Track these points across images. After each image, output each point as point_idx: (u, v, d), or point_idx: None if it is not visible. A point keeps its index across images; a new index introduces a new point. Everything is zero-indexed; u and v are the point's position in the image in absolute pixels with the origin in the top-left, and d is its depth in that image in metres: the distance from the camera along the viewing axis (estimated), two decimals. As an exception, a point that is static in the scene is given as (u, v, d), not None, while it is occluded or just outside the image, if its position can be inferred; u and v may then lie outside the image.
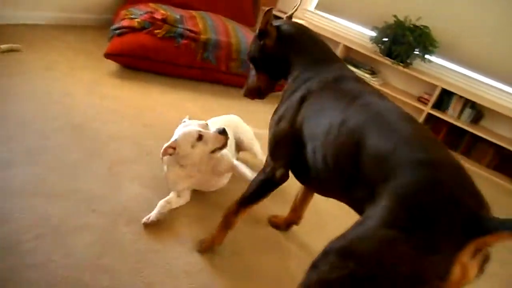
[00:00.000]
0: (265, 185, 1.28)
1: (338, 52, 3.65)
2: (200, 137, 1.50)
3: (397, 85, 3.72)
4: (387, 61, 3.42)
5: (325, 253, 0.89)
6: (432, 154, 0.88)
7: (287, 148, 1.22)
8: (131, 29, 2.65)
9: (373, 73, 3.62)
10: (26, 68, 2.23)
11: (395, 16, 3.40)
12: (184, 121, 1.62)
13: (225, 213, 1.38)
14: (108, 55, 2.56)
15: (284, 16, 1.49)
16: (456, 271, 0.75)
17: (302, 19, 4.03)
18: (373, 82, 3.53)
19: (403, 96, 3.44)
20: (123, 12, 2.87)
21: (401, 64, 3.35)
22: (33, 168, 1.52)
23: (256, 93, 1.44)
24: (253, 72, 1.43)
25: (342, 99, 1.10)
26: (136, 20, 2.71)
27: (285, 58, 1.31)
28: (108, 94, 2.27)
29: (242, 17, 3.64)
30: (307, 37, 1.33)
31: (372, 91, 1.14)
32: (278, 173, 1.24)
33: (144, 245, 1.36)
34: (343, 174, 1.02)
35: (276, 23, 1.33)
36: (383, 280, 0.78)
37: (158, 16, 2.77)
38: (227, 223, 1.38)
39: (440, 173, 0.83)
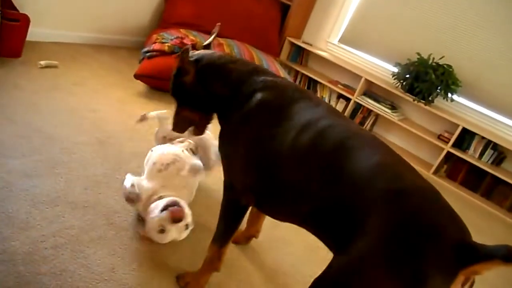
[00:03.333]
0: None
1: (360, 85, 3.70)
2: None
3: (417, 121, 3.71)
4: (408, 97, 3.44)
5: None
6: (407, 182, 0.85)
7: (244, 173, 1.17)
8: (161, 53, 2.79)
9: (393, 108, 3.63)
10: (59, 83, 2.37)
11: (418, 53, 3.45)
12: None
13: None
14: (137, 76, 2.69)
15: (307, 47, 1.48)
16: None
17: (325, 51, 4.13)
18: (394, 116, 3.55)
19: (423, 133, 3.42)
20: (154, 36, 3.03)
21: (422, 101, 3.36)
22: (56, 180, 1.59)
23: (181, 128, 1.43)
24: (177, 108, 1.43)
25: (291, 124, 1.07)
26: (167, 44, 2.85)
27: (207, 90, 1.31)
28: (134, 112, 2.37)
29: (268, 47, 3.76)
30: (223, 62, 1.29)
31: (325, 109, 1.10)
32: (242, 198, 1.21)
33: (159, 260, 1.39)
34: (313, 199, 0.95)
35: (193, 57, 1.32)
36: None
37: (187, 41, 2.90)
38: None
39: (420, 203, 0.81)
